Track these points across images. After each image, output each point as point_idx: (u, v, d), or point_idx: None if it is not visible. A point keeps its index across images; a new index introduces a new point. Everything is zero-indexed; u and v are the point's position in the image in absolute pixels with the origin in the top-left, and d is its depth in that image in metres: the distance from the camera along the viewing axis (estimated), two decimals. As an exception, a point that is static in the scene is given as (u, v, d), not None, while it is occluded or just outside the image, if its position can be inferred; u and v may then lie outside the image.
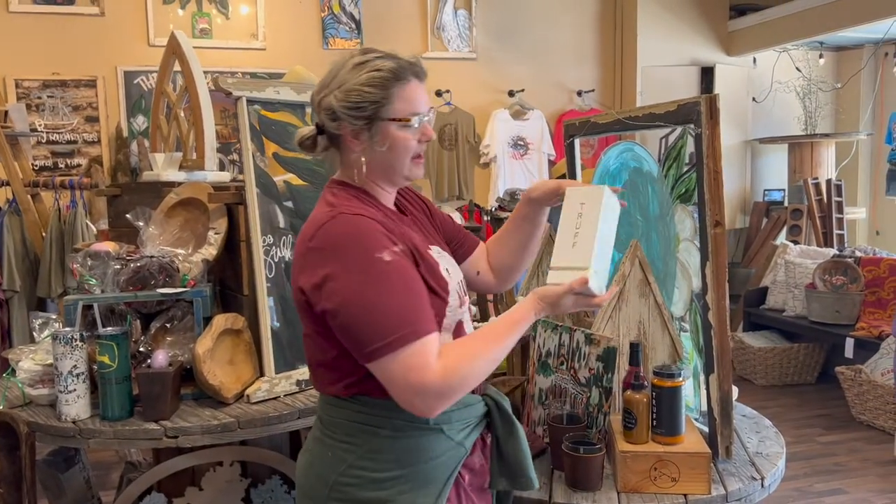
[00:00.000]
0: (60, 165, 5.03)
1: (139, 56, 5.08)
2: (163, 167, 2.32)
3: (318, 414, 1.33)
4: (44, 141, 4.98)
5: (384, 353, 1.11)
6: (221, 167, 5.05)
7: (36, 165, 4.91)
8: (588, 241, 1.26)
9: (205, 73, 2.41)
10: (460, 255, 1.49)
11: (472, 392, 1.32)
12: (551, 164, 5.76)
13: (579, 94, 6.02)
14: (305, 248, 1.20)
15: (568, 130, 2.22)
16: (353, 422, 1.24)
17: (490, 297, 2.83)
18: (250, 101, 1.92)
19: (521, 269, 1.57)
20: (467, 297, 1.39)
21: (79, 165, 5.02)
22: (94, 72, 5.04)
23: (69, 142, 5.04)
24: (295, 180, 2.05)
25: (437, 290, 1.23)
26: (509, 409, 1.36)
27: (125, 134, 5.04)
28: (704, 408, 1.71)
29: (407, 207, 1.40)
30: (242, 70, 5.26)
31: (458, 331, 1.30)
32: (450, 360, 1.14)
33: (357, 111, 1.21)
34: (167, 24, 5.11)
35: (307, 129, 1.31)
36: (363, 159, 1.24)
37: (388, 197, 1.33)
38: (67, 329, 1.78)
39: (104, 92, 5.06)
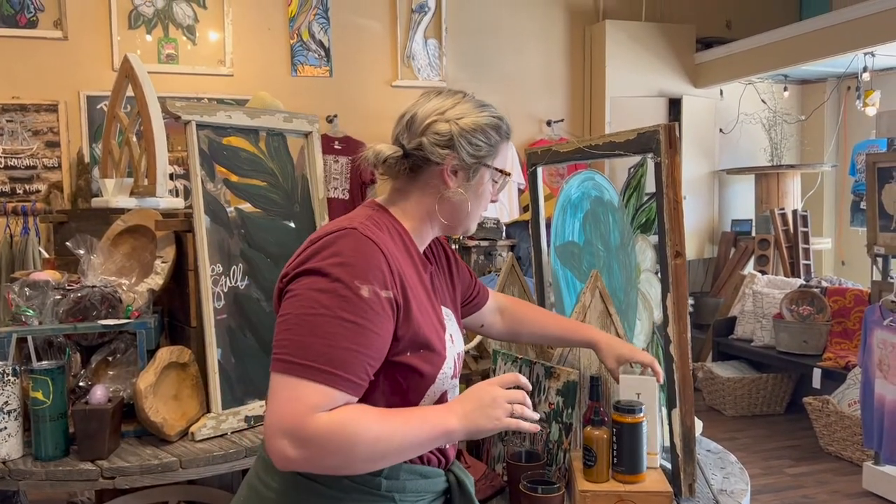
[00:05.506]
0: (18, 191, 4.90)
1: (103, 81, 4.97)
2: (113, 193, 2.24)
3: (259, 453, 1.20)
4: (1, 166, 4.85)
5: (290, 372, 0.99)
6: (187, 195, 4.95)
7: (-8, 191, 4.78)
8: (652, 432, 1.48)
9: (170, 98, 2.36)
10: (472, 307, 1.50)
11: (433, 465, 1.21)
12: (521, 192, 5.74)
13: (549, 123, 6.04)
14: (307, 244, 1.11)
15: (530, 159, 2.19)
16: (296, 472, 1.08)
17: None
18: (200, 126, 1.86)
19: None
20: (459, 370, 1.30)
21: (38, 191, 4.90)
22: (55, 96, 4.94)
23: (28, 167, 4.92)
24: (248, 208, 1.99)
25: (435, 348, 1.14)
26: (471, 489, 1.26)
27: (87, 160, 4.94)
28: (667, 443, 1.66)
29: (433, 259, 1.32)
30: (209, 96, 5.19)
31: (441, 401, 1.20)
32: (338, 417, 0.98)
33: (475, 148, 1.21)
34: (133, 48, 5.04)
35: (390, 149, 1.20)
36: (465, 195, 1.22)
37: (426, 241, 1.27)
38: (-2, 363, 1.67)
39: (66, 117, 4.96)
